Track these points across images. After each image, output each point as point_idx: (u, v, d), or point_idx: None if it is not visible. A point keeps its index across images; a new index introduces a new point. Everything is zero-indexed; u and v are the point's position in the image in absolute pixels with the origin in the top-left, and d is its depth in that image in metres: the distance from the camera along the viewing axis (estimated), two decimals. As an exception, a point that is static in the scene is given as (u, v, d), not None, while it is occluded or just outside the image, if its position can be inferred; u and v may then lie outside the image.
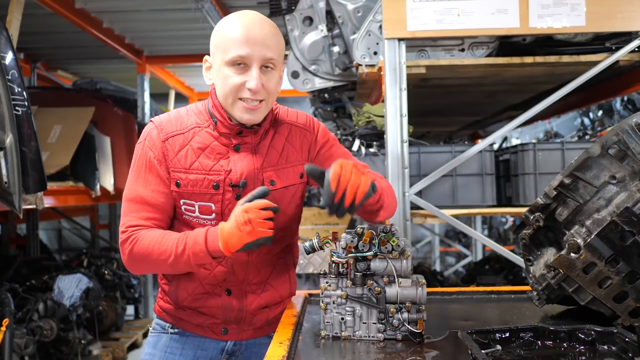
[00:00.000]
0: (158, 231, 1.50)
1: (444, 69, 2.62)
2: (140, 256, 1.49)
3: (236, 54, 1.45)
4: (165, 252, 1.45)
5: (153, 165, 1.53)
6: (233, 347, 1.66)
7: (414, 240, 7.15)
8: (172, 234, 1.48)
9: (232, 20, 1.50)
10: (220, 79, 1.49)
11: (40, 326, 3.86)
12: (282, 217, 1.59)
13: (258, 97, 1.47)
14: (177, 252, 1.44)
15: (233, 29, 1.47)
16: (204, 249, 1.43)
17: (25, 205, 3.06)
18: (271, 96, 1.51)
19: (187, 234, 1.47)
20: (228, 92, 1.48)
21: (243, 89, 1.47)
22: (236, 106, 1.49)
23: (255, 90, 1.46)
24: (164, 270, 1.54)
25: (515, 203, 2.95)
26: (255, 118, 1.51)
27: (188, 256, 1.44)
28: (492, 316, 1.66)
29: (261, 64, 1.47)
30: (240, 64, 1.46)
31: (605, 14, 2.45)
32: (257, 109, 1.49)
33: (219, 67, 1.49)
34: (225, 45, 1.47)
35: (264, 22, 1.49)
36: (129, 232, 1.50)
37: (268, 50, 1.46)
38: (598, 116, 6.16)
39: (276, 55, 1.49)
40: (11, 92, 2.82)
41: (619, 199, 1.36)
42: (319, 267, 3.61)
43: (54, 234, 8.37)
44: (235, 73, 1.47)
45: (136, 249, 1.49)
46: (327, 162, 1.62)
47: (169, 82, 7.20)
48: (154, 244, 1.47)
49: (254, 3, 4.65)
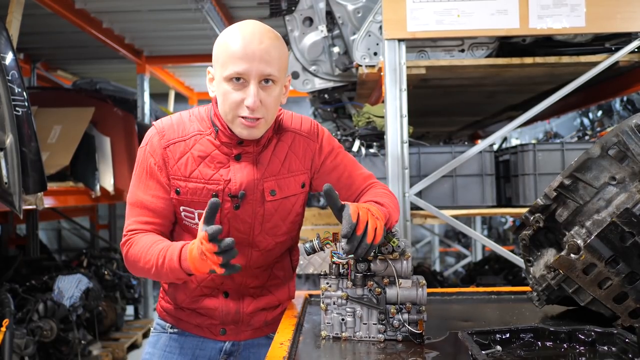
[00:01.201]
0: (150, 238, 1.49)
1: (443, 70, 2.63)
2: (132, 261, 1.50)
3: (234, 71, 1.41)
4: (149, 262, 1.45)
5: (153, 171, 1.53)
6: (231, 348, 1.66)
7: (413, 240, 7.15)
8: (160, 244, 1.46)
9: (232, 33, 1.45)
10: (220, 94, 1.47)
11: (40, 326, 3.86)
12: (282, 226, 1.59)
13: (256, 114, 1.44)
14: (158, 264, 1.43)
15: (231, 42, 1.43)
16: (178, 267, 1.40)
17: (25, 205, 3.06)
18: (270, 112, 1.47)
19: (168, 247, 1.44)
20: (227, 109, 1.45)
21: (242, 107, 1.43)
22: (235, 122, 1.46)
23: (253, 107, 1.42)
24: (152, 277, 1.53)
25: (515, 203, 2.95)
26: (253, 135, 1.47)
27: (166, 270, 1.42)
28: (492, 317, 1.66)
29: (259, 79, 1.43)
30: (238, 79, 1.42)
31: (605, 14, 2.45)
32: (256, 126, 1.45)
33: (219, 81, 1.46)
34: (224, 60, 1.43)
35: (264, 35, 1.44)
36: (128, 236, 1.52)
37: (266, 66, 1.41)
38: (598, 116, 6.16)
39: (276, 70, 1.44)
40: (11, 93, 2.82)
41: (619, 200, 1.36)
42: (319, 268, 3.61)
43: (53, 234, 8.37)
44: (234, 89, 1.43)
45: (130, 253, 1.50)
46: (332, 172, 1.60)
47: (168, 83, 7.20)
48: (142, 251, 1.47)
49: (254, 3, 4.65)
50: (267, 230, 1.58)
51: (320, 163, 1.61)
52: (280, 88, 1.50)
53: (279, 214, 1.57)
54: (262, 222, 1.56)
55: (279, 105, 1.54)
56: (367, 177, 1.65)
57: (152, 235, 1.51)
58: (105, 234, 6.95)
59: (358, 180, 1.63)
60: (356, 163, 1.67)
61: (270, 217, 1.56)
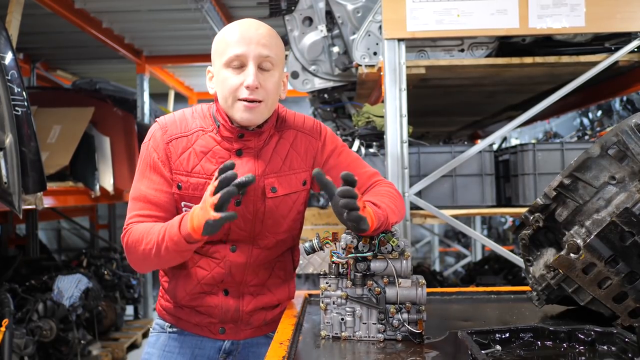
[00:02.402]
0: (148, 224, 1.48)
1: (443, 69, 2.63)
2: (132, 247, 1.48)
3: (232, 54, 1.46)
4: (150, 241, 1.43)
5: (157, 165, 1.54)
6: (230, 347, 1.66)
7: (413, 240, 7.15)
8: (158, 225, 1.45)
9: (230, 26, 1.52)
10: (219, 83, 1.50)
11: (40, 326, 3.86)
12: (283, 223, 1.59)
13: (256, 95, 1.46)
14: (159, 240, 1.41)
15: (229, 32, 1.50)
16: (178, 232, 1.38)
17: (24, 205, 3.06)
18: (270, 97, 1.49)
19: (167, 223, 1.43)
20: (227, 94, 1.47)
21: (241, 89, 1.46)
22: (235, 106, 1.48)
23: (252, 86, 1.44)
24: (152, 262, 1.49)
25: (514, 203, 2.95)
26: (254, 118, 1.48)
27: (167, 244, 1.40)
28: (492, 316, 1.66)
29: (258, 61, 1.46)
30: (236, 63, 1.46)
31: (605, 14, 2.45)
32: (256, 108, 1.47)
33: (219, 72, 1.50)
34: (223, 49, 1.48)
35: (260, 25, 1.51)
36: (128, 227, 1.52)
37: (264, 48, 1.46)
38: (597, 116, 6.16)
39: (273, 54, 1.48)
40: (11, 93, 2.81)
41: (619, 200, 1.36)
42: (319, 268, 3.61)
43: (53, 234, 8.37)
44: (233, 74, 1.47)
45: (130, 239, 1.49)
46: (336, 170, 1.59)
47: (168, 82, 7.20)
48: (143, 233, 1.45)
49: (254, 3, 4.65)
50: (268, 227, 1.58)
51: (323, 161, 1.61)
52: (280, 75, 1.53)
53: (279, 211, 1.57)
54: (262, 219, 1.56)
55: (278, 101, 1.56)
56: (372, 175, 1.64)
57: (150, 222, 1.50)
58: (105, 234, 6.95)
59: (362, 179, 1.61)
60: (360, 161, 1.67)
61: (271, 214, 1.57)
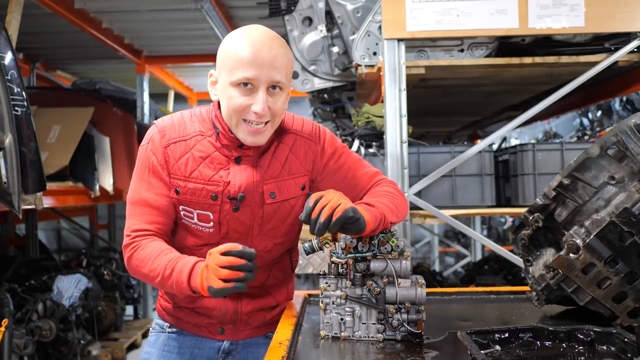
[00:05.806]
0: (158, 245, 1.48)
1: (443, 70, 2.63)
2: (136, 266, 1.49)
3: (242, 76, 1.40)
4: (155, 270, 1.44)
5: (156, 168, 1.52)
6: (229, 347, 1.66)
7: (413, 240, 7.16)
8: (169, 254, 1.45)
9: (240, 38, 1.44)
10: (225, 98, 1.46)
11: (40, 326, 3.86)
12: (281, 227, 1.59)
13: (263, 119, 1.44)
14: (164, 275, 1.42)
15: (240, 48, 1.41)
16: (187, 282, 1.39)
17: (24, 205, 3.06)
18: (277, 117, 1.47)
19: (179, 259, 1.43)
20: (232, 113, 1.44)
21: (248, 111, 1.43)
22: (240, 127, 1.45)
23: (261, 114, 1.42)
24: (152, 284, 1.52)
25: (514, 203, 2.95)
26: (259, 141, 1.47)
27: (172, 283, 1.42)
28: (492, 316, 1.66)
29: (268, 86, 1.42)
30: (246, 84, 1.42)
31: (604, 14, 2.45)
32: (262, 132, 1.45)
33: (225, 86, 1.45)
34: (232, 65, 1.42)
35: (273, 41, 1.43)
36: (133, 237, 1.50)
37: (276, 73, 1.41)
38: (597, 116, 6.16)
39: (284, 78, 1.44)
40: (10, 93, 2.81)
41: (618, 200, 1.36)
42: (318, 268, 3.61)
43: (53, 234, 8.37)
44: (241, 94, 1.42)
45: (134, 257, 1.49)
46: (336, 174, 1.59)
47: (168, 82, 7.20)
48: (149, 258, 1.45)
49: (253, 3, 4.65)
50: (265, 232, 1.57)
51: (323, 165, 1.60)
52: (287, 94, 1.50)
53: (278, 216, 1.57)
54: (261, 224, 1.56)
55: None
56: (373, 176, 1.63)
57: (160, 241, 1.50)
58: (105, 234, 6.95)
59: (363, 180, 1.61)
60: (361, 162, 1.65)
61: (270, 219, 1.56)
